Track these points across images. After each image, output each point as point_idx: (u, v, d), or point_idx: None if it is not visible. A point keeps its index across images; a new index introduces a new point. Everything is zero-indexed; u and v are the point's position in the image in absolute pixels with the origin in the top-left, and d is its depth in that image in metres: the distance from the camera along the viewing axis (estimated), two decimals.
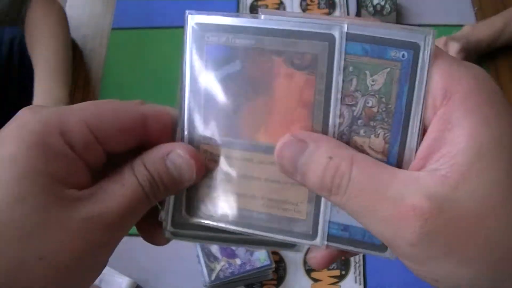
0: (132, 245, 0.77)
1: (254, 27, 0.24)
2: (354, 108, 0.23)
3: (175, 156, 0.25)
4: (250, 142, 0.25)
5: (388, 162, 0.23)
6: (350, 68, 0.23)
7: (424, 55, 0.22)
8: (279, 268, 0.77)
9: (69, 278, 0.22)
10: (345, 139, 0.24)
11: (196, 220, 0.26)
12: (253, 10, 1.02)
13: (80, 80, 0.96)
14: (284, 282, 0.76)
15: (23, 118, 0.22)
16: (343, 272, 0.76)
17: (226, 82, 0.25)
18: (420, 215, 0.20)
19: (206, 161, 0.26)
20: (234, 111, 0.25)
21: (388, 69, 0.23)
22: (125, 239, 0.25)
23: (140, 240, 0.27)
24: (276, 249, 0.27)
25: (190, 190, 0.26)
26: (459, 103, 0.21)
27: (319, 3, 1.02)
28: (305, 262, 0.77)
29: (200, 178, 0.26)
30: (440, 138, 0.21)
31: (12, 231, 0.20)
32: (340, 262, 0.77)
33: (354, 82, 0.23)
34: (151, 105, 0.26)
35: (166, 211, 0.26)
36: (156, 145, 0.25)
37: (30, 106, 0.23)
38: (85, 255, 0.22)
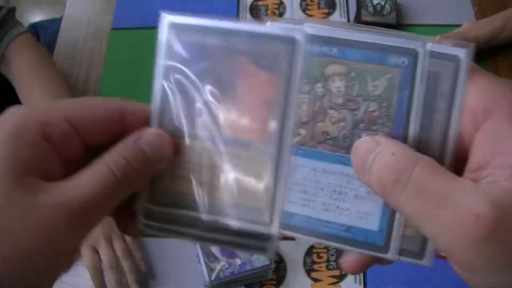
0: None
1: (223, 28, 0.25)
2: (356, 112, 0.24)
3: (148, 135, 0.26)
4: (216, 136, 0.25)
5: None
6: (352, 74, 0.24)
7: (461, 70, 0.22)
8: (279, 268, 0.77)
9: (31, 263, 0.22)
10: (348, 142, 0.24)
11: (168, 210, 0.26)
12: (253, 10, 1.02)
13: (80, 80, 0.96)
14: (284, 282, 0.76)
15: (8, 112, 0.24)
16: (343, 272, 0.76)
17: (197, 78, 0.26)
18: (482, 223, 0.20)
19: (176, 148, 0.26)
20: (201, 106, 0.26)
21: (389, 75, 0.23)
22: None
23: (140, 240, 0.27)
24: (244, 250, 0.27)
25: (162, 182, 0.26)
26: (506, 116, 0.21)
27: (319, 3, 1.02)
28: (305, 262, 0.77)
29: (174, 157, 0.26)
30: (490, 151, 0.21)
31: None
32: (340, 262, 0.77)
33: (356, 87, 0.24)
34: (129, 101, 0.27)
35: (139, 202, 0.27)
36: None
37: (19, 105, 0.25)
38: (49, 242, 0.22)
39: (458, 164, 0.23)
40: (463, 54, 0.22)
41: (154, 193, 0.27)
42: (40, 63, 0.86)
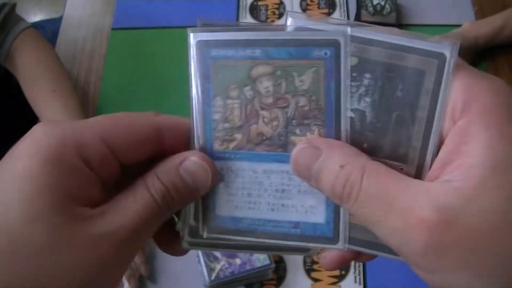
0: None
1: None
2: (287, 109, 0.24)
3: (189, 163, 0.24)
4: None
5: None
6: (278, 72, 0.24)
7: (446, 68, 0.22)
8: (279, 268, 0.77)
9: None
10: (283, 140, 0.25)
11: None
12: (253, 10, 1.01)
13: (80, 80, 0.96)
14: (284, 282, 0.76)
15: (38, 132, 0.22)
16: (343, 272, 0.76)
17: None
18: (427, 227, 0.20)
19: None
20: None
21: (314, 68, 0.24)
22: None
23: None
24: (292, 254, 0.27)
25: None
26: (478, 117, 0.21)
27: (319, 3, 1.02)
28: (305, 262, 0.77)
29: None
30: (456, 150, 0.21)
31: (26, 250, 0.20)
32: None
33: (284, 84, 0.24)
34: (165, 116, 0.26)
35: (183, 222, 0.26)
36: (171, 155, 0.25)
37: (45, 121, 0.23)
38: (97, 272, 0.22)
39: None
40: (448, 51, 0.22)
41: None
42: (43, 56, 0.86)
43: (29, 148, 0.22)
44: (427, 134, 0.23)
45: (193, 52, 0.25)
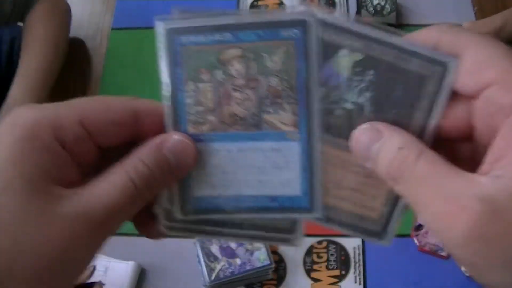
0: (131, 248, 0.77)
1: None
2: (259, 90, 0.25)
3: (172, 141, 0.25)
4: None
5: (300, 133, 0.25)
6: (248, 54, 0.25)
7: (448, 78, 0.23)
8: (279, 268, 0.77)
9: (51, 272, 0.22)
10: (257, 119, 0.25)
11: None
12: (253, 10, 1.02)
13: (80, 80, 0.96)
14: (284, 282, 0.76)
15: (15, 114, 0.23)
16: (343, 272, 0.76)
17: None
18: (470, 215, 0.20)
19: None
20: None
21: (284, 48, 0.24)
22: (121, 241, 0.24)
23: (139, 241, 0.26)
24: (273, 243, 0.28)
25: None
26: None
27: (319, 3, 1.02)
28: (305, 262, 0.77)
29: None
30: (508, 146, 0.21)
31: None
32: (340, 262, 0.77)
33: (255, 66, 0.25)
34: (143, 101, 0.26)
35: (160, 204, 0.27)
36: (148, 139, 0.25)
37: (26, 104, 0.24)
38: (67, 251, 0.22)
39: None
40: (452, 62, 0.23)
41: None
42: (50, 29, 0.90)
43: (5, 127, 0.22)
44: (420, 137, 0.24)
45: (162, 39, 0.25)
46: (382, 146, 0.23)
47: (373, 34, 0.24)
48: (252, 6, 1.02)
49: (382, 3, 0.94)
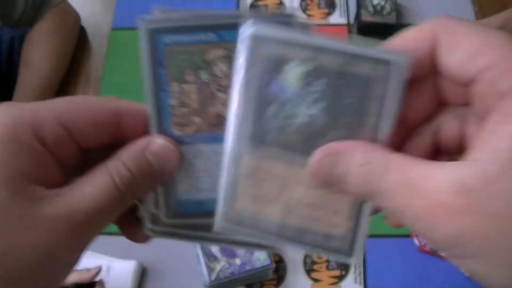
0: (132, 247, 0.77)
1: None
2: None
3: (155, 145, 0.24)
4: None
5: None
6: (231, 54, 0.24)
7: (400, 74, 0.23)
8: (279, 268, 0.77)
9: (33, 275, 0.21)
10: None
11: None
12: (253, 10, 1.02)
13: (80, 80, 0.96)
14: (284, 282, 0.76)
15: None
16: (343, 272, 0.76)
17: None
18: (447, 212, 0.19)
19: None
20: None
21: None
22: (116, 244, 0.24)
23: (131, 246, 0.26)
24: (256, 249, 0.27)
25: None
26: None
27: (319, 3, 1.02)
28: (305, 262, 0.77)
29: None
30: (493, 130, 0.20)
31: None
32: (340, 262, 0.77)
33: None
34: (125, 102, 0.26)
35: (145, 208, 0.26)
36: (131, 141, 0.25)
37: (6, 102, 0.23)
38: (50, 253, 0.21)
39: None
40: (395, 59, 0.23)
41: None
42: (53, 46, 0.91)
43: None
44: (374, 140, 0.23)
45: (144, 39, 0.25)
46: (346, 168, 0.23)
47: (319, 43, 0.23)
48: (252, 6, 1.02)
49: (382, 3, 0.94)
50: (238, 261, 0.72)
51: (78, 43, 0.99)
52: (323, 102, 0.24)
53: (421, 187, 0.20)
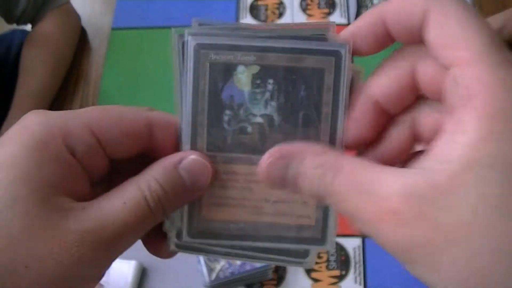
0: (132, 247, 0.77)
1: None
2: None
3: (188, 161, 0.24)
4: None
5: None
6: None
7: (345, 62, 0.23)
8: (279, 268, 0.77)
9: None
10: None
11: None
12: (253, 10, 1.01)
13: (80, 80, 0.96)
14: (284, 282, 0.76)
15: (26, 120, 0.22)
16: (343, 272, 0.76)
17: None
18: (394, 218, 0.19)
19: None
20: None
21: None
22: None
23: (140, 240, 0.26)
24: (282, 264, 0.27)
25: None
26: (480, 112, 0.19)
27: (319, 3, 1.02)
28: None
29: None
30: (445, 139, 0.20)
31: (0, 236, 0.20)
32: (340, 262, 0.77)
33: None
34: (158, 112, 0.25)
35: (171, 223, 0.26)
36: (161, 153, 0.24)
37: (36, 109, 0.23)
38: (73, 269, 0.21)
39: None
40: (343, 49, 0.23)
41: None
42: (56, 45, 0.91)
43: (15, 134, 0.21)
44: (333, 129, 0.24)
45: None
46: (296, 172, 0.22)
47: (262, 44, 0.23)
48: (252, 6, 1.02)
49: None
50: (238, 261, 0.72)
51: (78, 43, 0.99)
52: (275, 100, 0.24)
53: (371, 192, 0.20)
